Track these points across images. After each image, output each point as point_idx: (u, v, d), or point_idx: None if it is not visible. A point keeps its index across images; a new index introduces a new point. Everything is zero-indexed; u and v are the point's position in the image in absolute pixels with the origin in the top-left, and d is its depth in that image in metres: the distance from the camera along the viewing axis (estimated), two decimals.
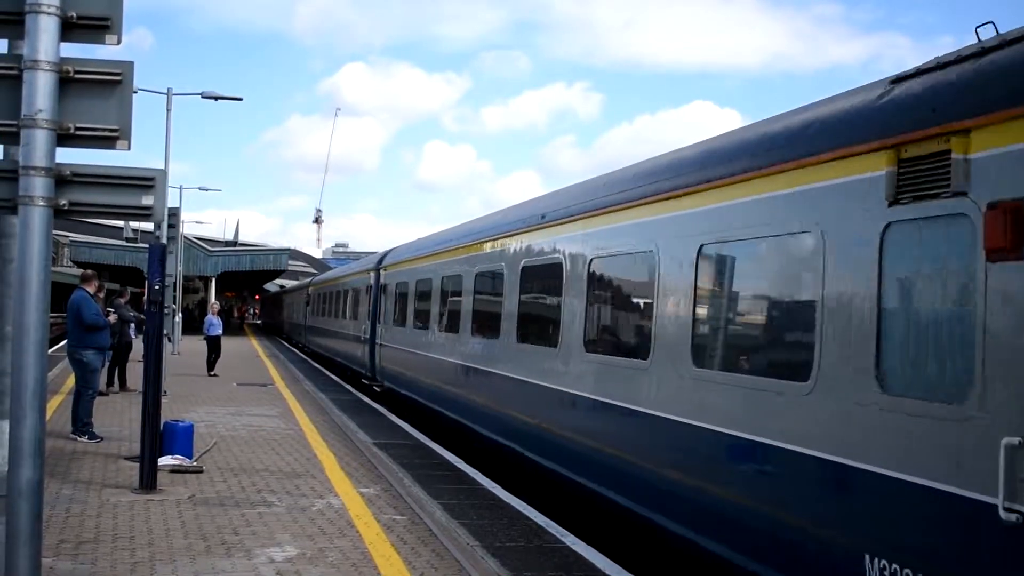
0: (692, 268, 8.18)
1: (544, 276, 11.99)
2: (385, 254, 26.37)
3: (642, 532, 9.24)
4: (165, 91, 31.80)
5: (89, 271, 16.40)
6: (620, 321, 10.48)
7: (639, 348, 9.30)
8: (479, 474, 13.14)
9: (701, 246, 8.12)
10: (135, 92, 5.37)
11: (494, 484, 12.41)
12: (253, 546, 8.79)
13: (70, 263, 61.84)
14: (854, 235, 6.11)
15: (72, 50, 5.19)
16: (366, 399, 23.05)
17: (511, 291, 13.23)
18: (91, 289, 15.11)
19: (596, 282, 10.46)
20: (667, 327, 8.60)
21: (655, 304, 8.88)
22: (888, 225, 5.83)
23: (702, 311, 8.23)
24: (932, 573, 5.31)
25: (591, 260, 10.46)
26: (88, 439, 14.22)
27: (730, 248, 7.87)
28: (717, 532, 7.61)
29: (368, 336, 25.79)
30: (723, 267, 8.10)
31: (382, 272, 25.10)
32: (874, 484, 5.77)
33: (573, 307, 10.75)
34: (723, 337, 8.03)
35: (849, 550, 5.94)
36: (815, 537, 6.36)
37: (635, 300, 9.96)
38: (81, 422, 14.46)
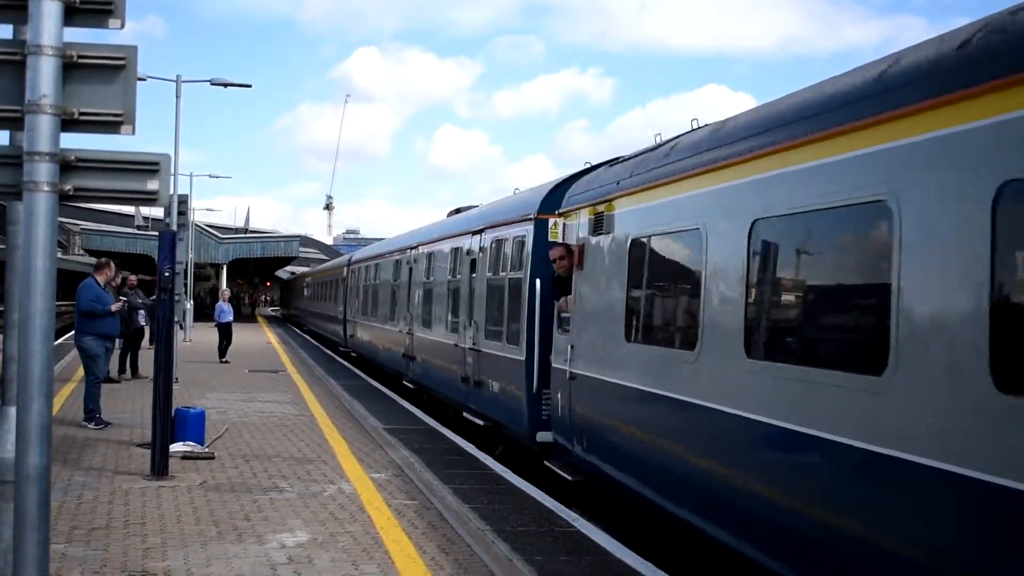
0: None
1: None
2: None
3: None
4: (174, 78, 31.74)
5: (103, 259, 16.42)
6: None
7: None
8: (490, 459, 13.14)
9: None
10: (144, 79, 5.36)
11: (504, 468, 12.41)
12: (265, 532, 8.80)
13: (81, 251, 62.03)
14: None
15: (83, 36, 5.18)
16: (376, 384, 23.07)
17: None
18: (101, 277, 15.11)
19: None
20: None
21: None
22: None
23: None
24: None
25: None
26: (94, 426, 14.24)
27: None
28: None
29: None
30: None
31: None
32: None
33: None
34: None
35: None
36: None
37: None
38: (87, 408, 14.51)
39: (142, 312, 22.18)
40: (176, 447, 12.05)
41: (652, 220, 9.18)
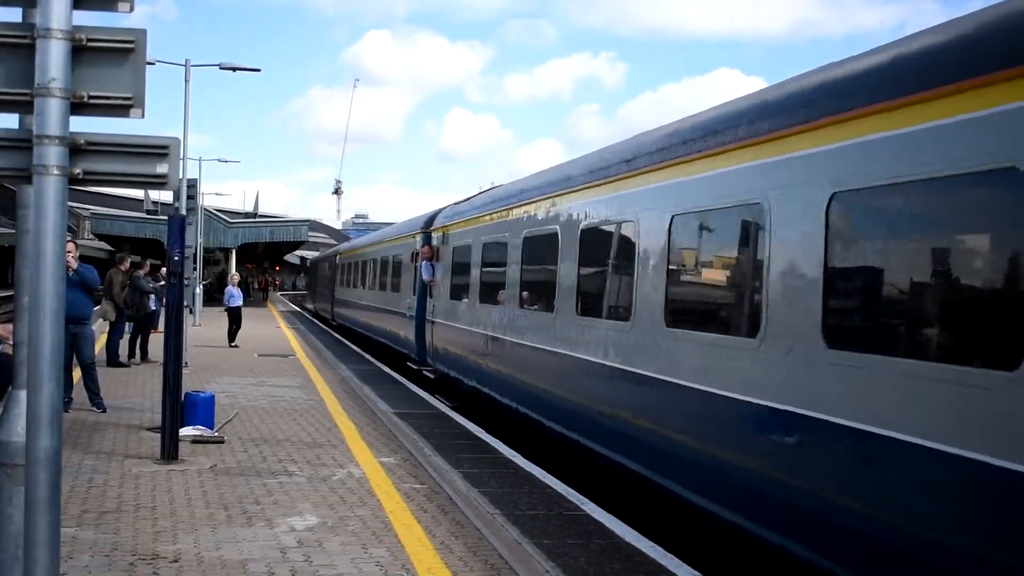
0: None
1: None
2: None
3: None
4: (183, 62, 31.67)
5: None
6: None
7: None
8: (499, 443, 13.15)
9: None
10: (152, 64, 5.34)
11: (514, 452, 12.42)
12: (274, 515, 8.82)
13: (91, 236, 62.08)
14: None
15: (92, 19, 5.17)
16: (386, 369, 23.09)
17: None
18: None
19: None
20: None
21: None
22: None
23: None
24: None
25: None
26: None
27: None
28: None
29: None
30: None
31: None
32: None
33: None
34: None
35: None
36: None
37: None
38: (90, 393, 14.57)
39: (152, 296, 22.29)
40: (186, 431, 12.08)
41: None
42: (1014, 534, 5.19)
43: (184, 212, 17.38)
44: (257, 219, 75.79)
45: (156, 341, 19.07)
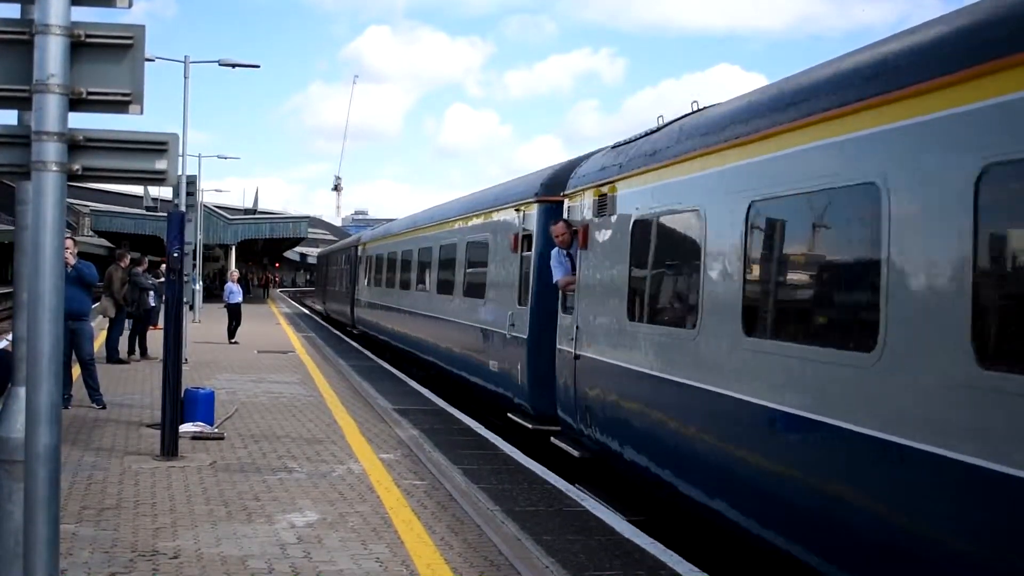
0: None
1: None
2: None
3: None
4: (182, 59, 31.64)
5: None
6: None
7: None
8: (499, 439, 13.15)
9: None
10: (151, 60, 5.33)
11: (514, 449, 12.42)
12: (274, 512, 8.82)
13: (91, 232, 62.08)
14: None
15: (91, 15, 5.15)
16: (386, 365, 23.08)
17: None
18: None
19: None
20: None
21: None
22: None
23: None
24: None
25: None
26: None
27: None
28: None
29: None
30: None
31: None
32: None
33: None
34: None
35: None
36: None
37: None
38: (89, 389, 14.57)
39: (151, 293, 22.29)
40: (186, 427, 12.09)
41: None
42: None
43: (183, 208, 17.36)
44: (256, 216, 75.69)
45: (155, 338, 19.06)
